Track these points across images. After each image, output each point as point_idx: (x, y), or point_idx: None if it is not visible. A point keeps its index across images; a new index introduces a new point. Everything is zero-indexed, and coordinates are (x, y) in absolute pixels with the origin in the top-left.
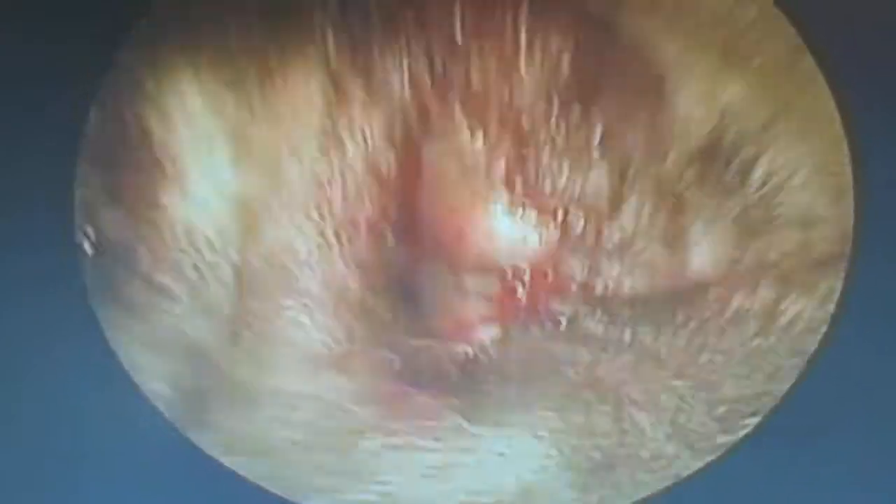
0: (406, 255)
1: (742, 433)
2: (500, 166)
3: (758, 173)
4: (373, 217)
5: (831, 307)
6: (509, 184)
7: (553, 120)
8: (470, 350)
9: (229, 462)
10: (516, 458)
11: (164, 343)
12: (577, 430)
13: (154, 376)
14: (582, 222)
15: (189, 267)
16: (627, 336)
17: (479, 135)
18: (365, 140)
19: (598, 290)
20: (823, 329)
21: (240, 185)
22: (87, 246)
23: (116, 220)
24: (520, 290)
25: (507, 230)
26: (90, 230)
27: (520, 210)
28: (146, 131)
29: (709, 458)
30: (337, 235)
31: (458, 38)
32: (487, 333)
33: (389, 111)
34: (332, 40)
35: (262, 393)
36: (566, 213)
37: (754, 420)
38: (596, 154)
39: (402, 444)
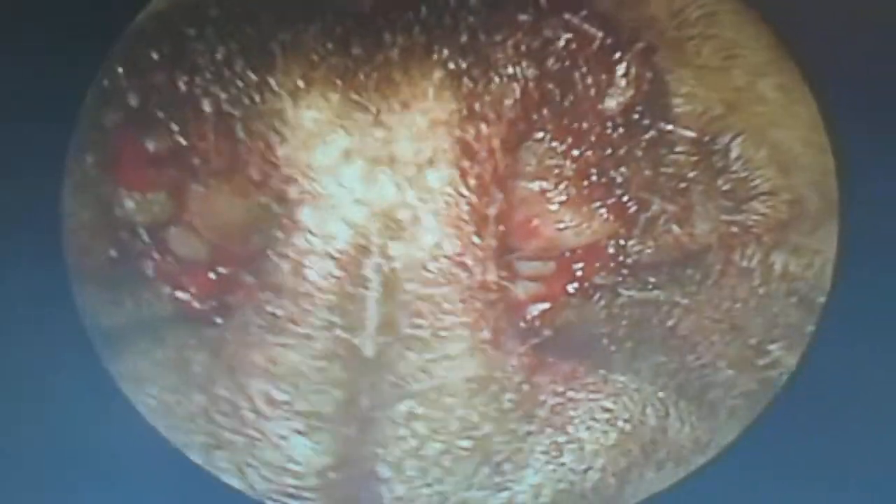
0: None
1: (769, 358)
2: (569, 165)
3: (734, 154)
4: (495, 217)
5: (807, 258)
6: (579, 180)
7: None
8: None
9: None
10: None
11: None
12: (665, 370)
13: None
14: (634, 209)
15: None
16: (662, 296)
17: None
18: (490, 149)
19: (629, 261)
20: (809, 273)
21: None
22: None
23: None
24: (572, 268)
25: (570, 220)
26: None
27: (584, 202)
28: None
29: (757, 376)
30: (477, 235)
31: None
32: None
33: (505, 122)
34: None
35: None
36: (619, 202)
37: (775, 346)
38: (639, 153)
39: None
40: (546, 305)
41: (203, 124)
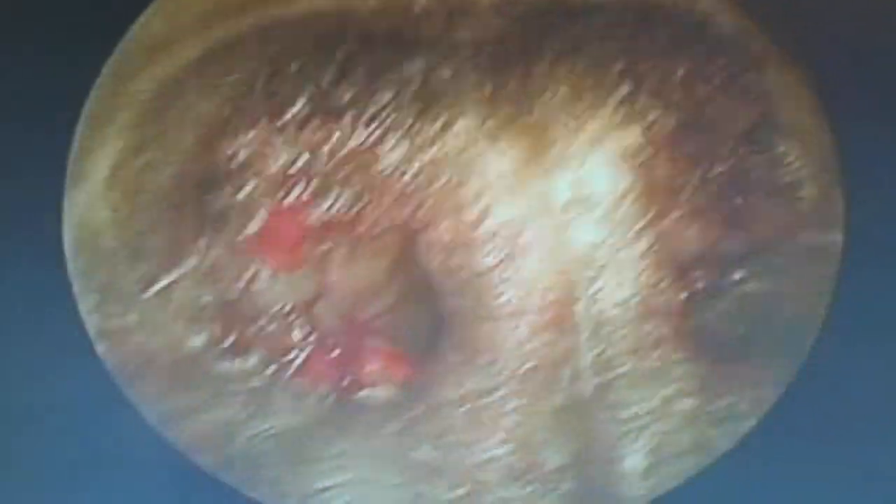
0: None
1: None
2: (700, 184)
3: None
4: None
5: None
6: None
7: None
8: None
9: None
10: None
11: None
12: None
13: None
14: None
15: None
16: (758, 287)
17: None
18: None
19: (722, 258)
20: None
21: None
22: None
23: None
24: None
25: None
26: None
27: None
28: None
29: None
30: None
31: None
32: None
33: (667, 149)
34: None
35: None
36: (731, 208)
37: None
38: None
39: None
40: None
41: (379, 184)
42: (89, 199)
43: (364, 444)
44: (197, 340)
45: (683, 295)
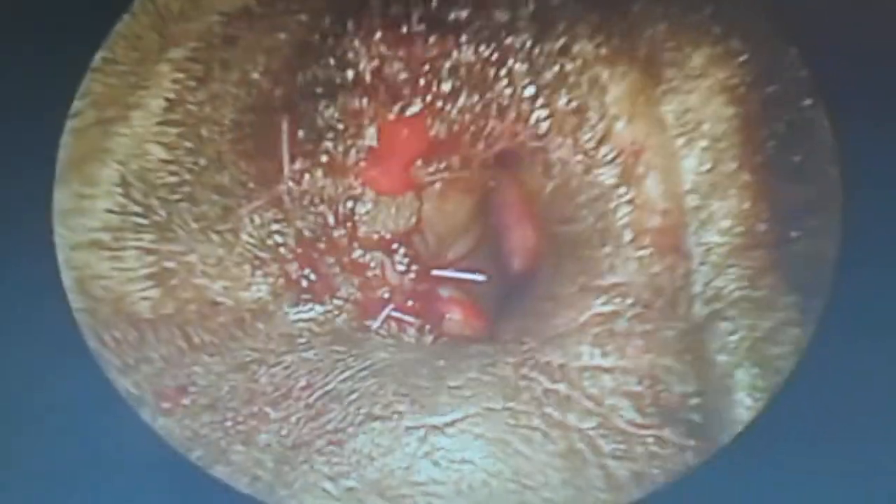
0: None
1: None
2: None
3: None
4: None
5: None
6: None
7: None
8: None
9: None
10: None
11: None
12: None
13: None
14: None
15: None
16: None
17: None
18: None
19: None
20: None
21: None
22: None
23: None
24: None
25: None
26: None
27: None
28: None
29: None
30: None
31: None
32: None
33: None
34: None
35: None
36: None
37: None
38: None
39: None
40: None
41: (498, 102)
42: (133, 143)
43: (484, 375)
44: (264, 285)
45: (779, 229)
